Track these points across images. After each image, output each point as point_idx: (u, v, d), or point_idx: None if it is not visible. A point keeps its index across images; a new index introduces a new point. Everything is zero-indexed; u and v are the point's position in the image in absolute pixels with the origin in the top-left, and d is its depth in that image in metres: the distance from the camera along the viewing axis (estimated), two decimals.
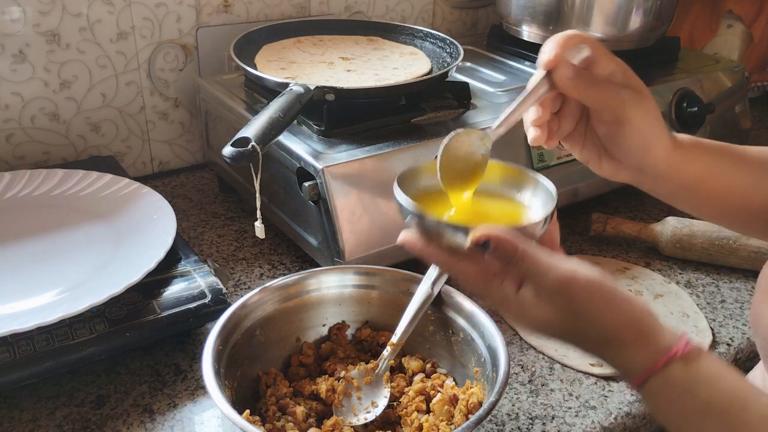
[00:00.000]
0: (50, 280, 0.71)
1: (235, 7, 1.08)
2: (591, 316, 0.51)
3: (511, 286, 0.52)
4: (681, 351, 0.49)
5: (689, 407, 0.49)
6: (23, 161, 0.99)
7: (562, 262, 0.51)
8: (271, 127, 0.71)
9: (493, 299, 0.54)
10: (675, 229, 0.92)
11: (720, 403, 0.48)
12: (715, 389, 0.49)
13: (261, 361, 0.66)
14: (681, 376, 0.49)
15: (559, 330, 0.52)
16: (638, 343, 0.50)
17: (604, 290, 0.51)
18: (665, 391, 0.49)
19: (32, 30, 0.93)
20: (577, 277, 0.50)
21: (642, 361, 0.49)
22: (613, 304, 0.51)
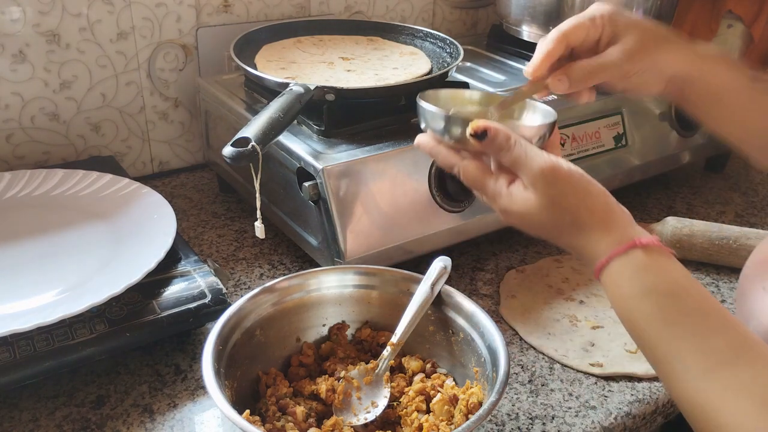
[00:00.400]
0: (50, 280, 0.71)
1: (235, 7, 1.08)
2: (567, 203, 0.56)
3: (504, 181, 0.59)
4: (643, 243, 0.53)
5: (635, 289, 0.52)
6: (23, 161, 0.99)
7: (549, 154, 0.57)
8: (271, 127, 0.71)
9: (487, 194, 0.60)
10: (675, 229, 0.92)
11: (662, 289, 0.52)
12: (661, 277, 0.52)
13: (261, 361, 0.66)
14: (635, 262, 0.53)
15: (538, 219, 0.57)
16: (605, 231, 0.55)
17: (583, 182, 0.56)
18: (619, 274, 0.53)
19: (32, 30, 0.93)
20: (559, 166, 0.56)
21: (606, 246, 0.54)
22: (589, 195, 0.56)
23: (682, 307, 0.51)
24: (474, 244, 0.94)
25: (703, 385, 0.48)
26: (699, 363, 0.49)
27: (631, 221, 0.56)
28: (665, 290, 0.52)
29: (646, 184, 1.10)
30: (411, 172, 0.80)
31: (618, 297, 0.54)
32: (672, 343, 0.50)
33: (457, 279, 0.87)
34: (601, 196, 0.56)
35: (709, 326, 0.50)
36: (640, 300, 0.52)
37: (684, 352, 0.49)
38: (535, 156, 0.56)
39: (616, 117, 0.99)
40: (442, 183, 0.81)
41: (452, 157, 0.62)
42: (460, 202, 0.83)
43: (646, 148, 1.02)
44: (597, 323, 0.79)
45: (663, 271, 0.53)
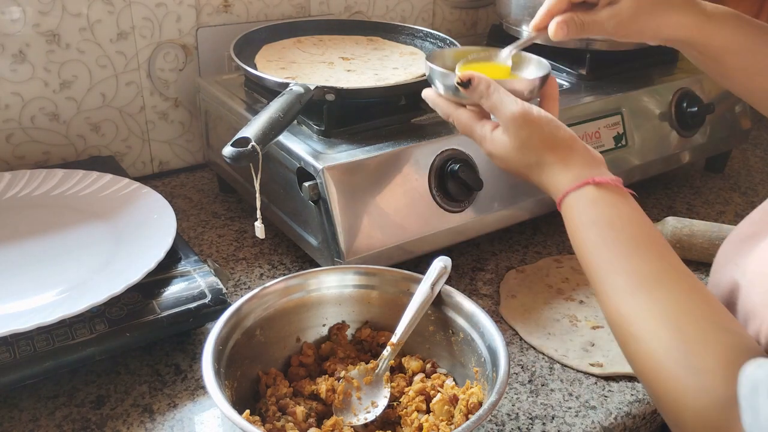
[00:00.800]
0: (50, 280, 0.71)
1: (235, 7, 1.08)
2: (534, 144, 0.63)
3: (489, 127, 0.66)
4: (597, 181, 0.59)
5: (584, 219, 0.59)
6: (23, 161, 0.99)
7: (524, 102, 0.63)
8: (271, 127, 0.71)
9: (476, 137, 0.68)
10: (675, 229, 0.92)
11: (605, 220, 0.58)
12: (607, 210, 0.58)
13: (261, 361, 0.66)
14: (588, 197, 0.59)
15: (511, 160, 0.64)
16: (566, 168, 0.61)
17: (550, 125, 0.63)
18: (573, 207, 0.60)
19: (32, 30, 0.93)
20: (529, 111, 0.63)
21: (566, 182, 0.61)
22: (554, 137, 0.63)
23: (619, 235, 0.57)
24: (474, 244, 0.94)
25: (627, 302, 0.53)
26: (626, 283, 0.54)
27: (594, 163, 0.61)
28: (608, 221, 0.58)
29: (646, 184, 1.10)
30: (411, 172, 0.80)
31: (571, 227, 0.60)
32: (606, 265, 0.56)
33: (457, 279, 0.87)
34: (567, 139, 0.63)
35: (640, 253, 0.55)
36: (587, 229, 0.58)
37: (614, 273, 0.55)
38: (509, 102, 0.63)
39: (616, 117, 0.99)
40: (442, 183, 0.81)
41: (449, 108, 0.70)
42: (460, 202, 0.83)
43: (646, 148, 1.02)
44: (597, 323, 0.79)
45: (610, 205, 0.58)
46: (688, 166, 1.18)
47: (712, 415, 0.46)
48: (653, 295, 0.53)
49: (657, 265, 0.55)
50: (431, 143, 0.82)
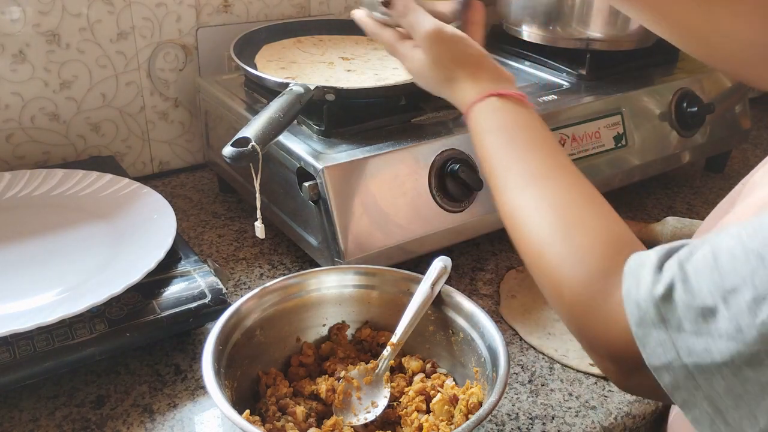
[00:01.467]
0: (50, 280, 0.71)
1: (235, 7, 1.08)
2: (445, 61, 0.67)
3: (409, 45, 0.70)
4: (500, 93, 0.63)
5: (485, 126, 0.63)
6: (23, 161, 0.99)
7: (438, 21, 0.68)
8: (271, 127, 0.71)
9: (399, 56, 0.72)
10: (675, 229, 0.92)
11: (502, 126, 0.62)
12: (505, 117, 0.63)
13: (261, 361, 0.66)
14: (490, 107, 0.63)
15: (427, 75, 0.69)
16: (473, 82, 0.66)
17: (461, 43, 0.68)
18: (478, 116, 0.64)
19: (32, 30, 0.93)
20: (442, 29, 0.67)
21: (472, 94, 0.65)
22: (464, 54, 0.67)
23: (514, 138, 0.61)
24: (474, 244, 0.94)
25: (518, 195, 0.57)
26: (518, 180, 0.58)
27: (501, 79, 0.66)
28: (505, 126, 0.62)
29: (646, 184, 1.10)
30: (411, 172, 0.80)
31: (474, 136, 0.64)
32: (502, 165, 0.60)
33: (457, 279, 0.87)
34: (476, 56, 0.68)
35: (533, 153, 0.59)
36: (486, 134, 0.62)
37: (508, 171, 0.59)
38: (425, 21, 0.68)
39: (616, 117, 0.99)
40: (442, 183, 0.81)
41: (376, 27, 0.74)
42: (460, 202, 0.83)
43: (646, 148, 1.02)
44: None
45: (509, 113, 0.63)
46: (688, 166, 1.18)
47: (588, 284, 0.48)
48: (542, 188, 0.56)
49: (548, 162, 0.58)
50: (431, 143, 0.82)
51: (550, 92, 0.98)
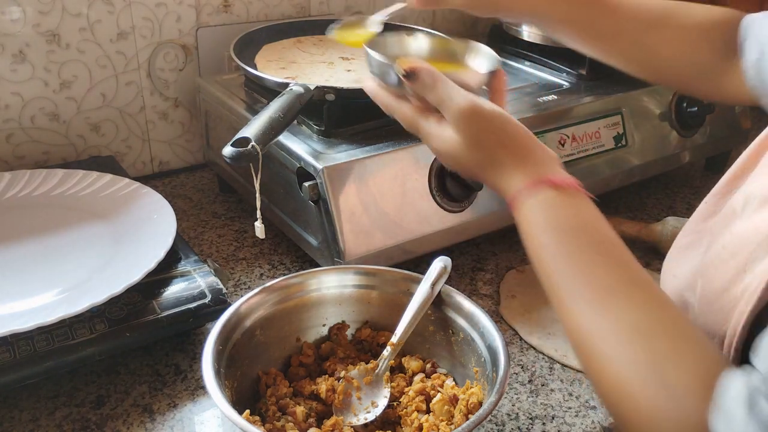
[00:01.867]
0: (50, 280, 0.71)
1: (235, 7, 1.08)
2: (486, 142, 0.59)
3: (435, 121, 0.62)
4: (552, 181, 0.56)
5: (539, 223, 0.55)
6: (23, 161, 0.99)
7: (471, 95, 0.60)
8: (271, 127, 0.71)
9: (422, 134, 0.63)
10: (675, 229, 0.92)
11: (562, 225, 0.54)
12: (564, 213, 0.55)
13: (261, 361, 0.66)
14: (542, 198, 0.55)
15: (462, 158, 0.60)
16: (519, 167, 0.57)
17: (502, 121, 0.59)
18: (527, 208, 0.56)
19: (32, 30, 0.93)
20: (479, 106, 0.59)
21: (518, 182, 0.57)
22: (506, 133, 0.59)
23: (577, 242, 0.53)
24: (474, 244, 0.94)
25: (588, 316, 0.50)
26: (586, 295, 0.50)
27: (549, 162, 0.58)
28: (565, 226, 0.54)
29: (646, 184, 1.10)
30: (411, 172, 0.80)
31: (525, 230, 0.56)
32: (564, 275, 0.52)
33: (457, 279, 0.87)
34: (520, 136, 0.59)
35: (601, 262, 0.52)
36: (542, 234, 0.54)
37: (573, 284, 0.51)
38: (457, 96, 0.59)
39: (616, 117, 0.99)
40: (442, 183, 0.81)
41: (392, 102, 0.66)
42: (460, 202, 0.83)
43: (646, 148, 1.02)
44: None
45: (567, 208, 0.55)
46: (688, 166, 1.18)
47: (686, 425, 0.43)
48: (616, 307, 0.49)
49: (619, 274, 0.51)
50: None
51: (550, 92, 0.98)
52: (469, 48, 0.72)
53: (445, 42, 0.74)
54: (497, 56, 0.70)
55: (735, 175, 0.62)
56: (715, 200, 0.63)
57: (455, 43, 0.73)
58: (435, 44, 0.73)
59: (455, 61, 0.73)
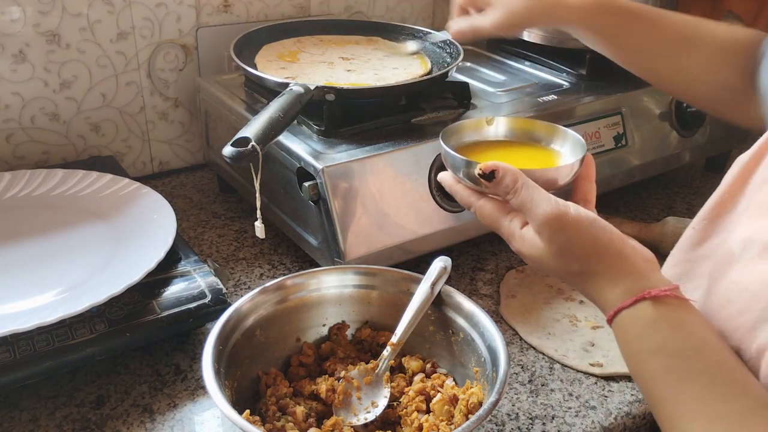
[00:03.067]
0: (50, 280, 0.71)
1: (235, 7, 1.08)
2: (575, 252, 0.54)
3: (518, 223, 0.58)
4: (653, 295, 0.51)
5: (642, 345, 0.51)
6: (23, 161, 0.99)
7: (557, 200, 0.55)
8: (271, 127, 0.71)
9: (503, 234, 0.60)
10: (675, 229, 0.92)
11: (669, 348, 0.49)
12: (670, 334, 0.50)
13: (261, 361, 0.66)
14: (644, 316, 0.51)
15: (548, 265, 0.56)
16: (615, 280, 0.53)
17: (592, 229, 0.54)
18: (629, 326, 0.51)
19: (32, 30, 0.93)
20: (565, 214, 0.54)
21: (615, 297, 0.52)
22: (597, 242, 0.54)
23: (690, 368, 0.48)
24: (474, 244, 0.94)
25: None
26: (703, 429, 0.46)
27: (646, 268, 0.53)
28: (674, 349, 0.49)
29: (646, 184, 1.10)
30: (411, 172, 0.80)
31: (626, 350, 0.52)
32: (678, 405, 0.48)
33: (457, 279, 0.87)
34: (613, 243, 0.54)
35: (718, 389, 0.47)
36: (647, 357, 0.50)
37: (689, 416, 0.47)
38: (541, 202, 0.55)
39: (616, 117, 0.99)
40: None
41: (470, 197, 0.62)
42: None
43: (646, 148, 1.02)
44: (597, 323, 0.79)
45: (673, 326, 0.50)
46: (688, 166, 1.18)
47: None
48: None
49: (741, 403, 0.46)
50: (431, 143, 0.82)
51: (550, 92, 0.98)
52: (554, 131, 0.68)
53: (527, 123, 0.70)
54: (583, 141, 0.65)
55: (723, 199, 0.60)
56: (703, 225, 0.61)
57: (538, 125, 0.69)
58: (516, 126, 0.70)
59: (538, 144, 0.69)
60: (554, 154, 0.68)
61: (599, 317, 0.80)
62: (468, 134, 0.69)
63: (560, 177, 0.61)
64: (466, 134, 0.69)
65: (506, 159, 0.60)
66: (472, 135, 0.69)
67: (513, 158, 0.66)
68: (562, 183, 0.61)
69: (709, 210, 0.61)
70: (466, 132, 0.69)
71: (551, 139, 0.69)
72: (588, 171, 0.63)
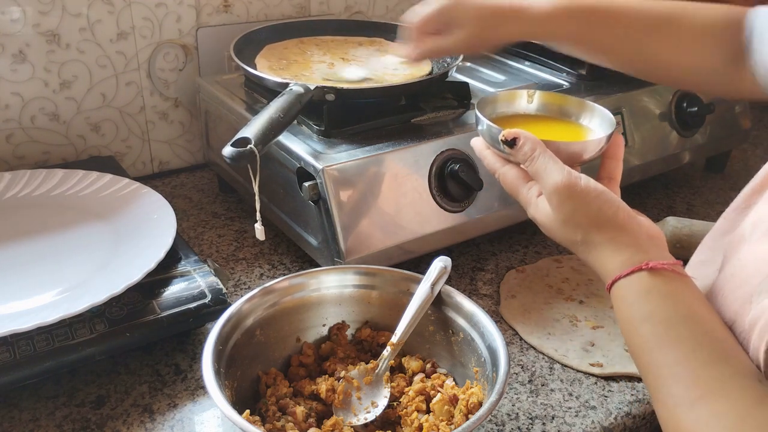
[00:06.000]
0: (50, 280, 0.71)
1: (235, 7, 1.08)
2: (579, 221, 0.57)
3: (536, 191, 0.60)
4: (653, 266, 0.53)
5: (636, 312, 0.53)
6: (23, 161, 0.99)
7: (571, 171, 0.57)
8: (271, 127, 0.71)
9: (521, 200, 0.62)
10: (675, 229, 0.92)
11: (660, 315, 0.52)
12: (662, 303, 0.52)
13: (261, 361, 0.66)
14: (639, 285, 0.53)
15: (555, 232, 0.59)
16: (615, 251, 0.55)
17: (598, 200, 0.56)
18: (625, 295, 0.54)
19: (32, 30, 0.93)
20: (574, 184, 0.56)
21: (614, 267, 0.55)
22: (601, 214, 0.56)
23: (677, 334, 0.51)
24: (474, 244, 0.94)
25: (686, 415, 0.48)
26: (684, 392, 0.49)
27: (648, 243, 0.55)
28: (662, 317, 0.52)
29: (646, 184, 1.10)
30: (411, 172, 0.80)
31: (621, 317, 0.55)
32: (662, 369, 0.50)
33: (457, 279, 0.87)
34: (617, 216, 0.56)
35: (702, 355, 0.49)
36: (639, 324, 0.53)
37: (671, 379, 0.50)
38: (554, 171, 0.57)
39: (616, 117, 0.98)
40: (442, 183, 0.81)
41: (496, 163, 0.64)
42: (460, 202, 0.83)
43: (646, 148, 1.02)
44: (597, 323, 0.79)
45: (666, 296, 0.52)
46: (688, 166, 1.18)
47: None
48: (715, 407, 0.47)
49: (720, 370, 0.48)
50: (431, 143, 0.82)
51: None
52: (585, 107, 0.70)
53: (560, 99, 0.71)
54: (613, 118, 0.66)
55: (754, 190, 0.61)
56: (734, 216, 0.62)
57: (571, 101, 0.71)
58: (549, 101, 0.71)
59: (568, 120, 0.71)
60: (584, 130, 0.69)
61: (599, 317, 0.80)
62: (502, 105, 0.72)
63: (585, 151, 0.62)
64: (500, 105, 0.71)
65: (535, 131, 0.61)
66: (508, 107, 0.72)
67: (542, 131, 0.67)
68: (587, 157, 0.63)
69: (741, 200, 0.62)
70: (500, 103, 0.71)
71: (582, 114, 0.70)
72: (616, 150, 0.64)
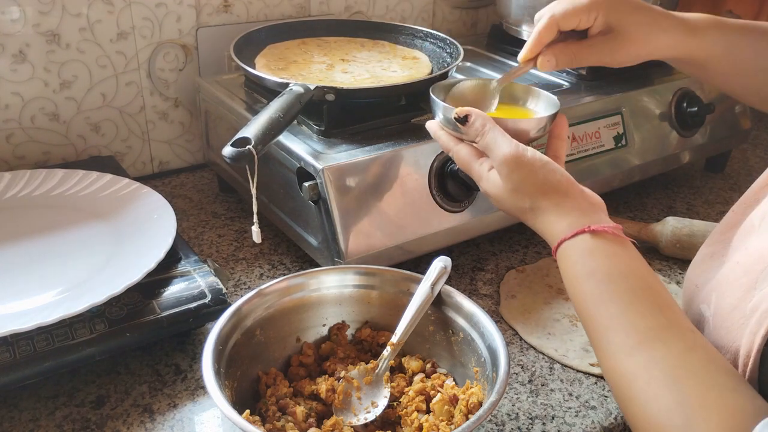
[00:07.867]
0: (50, 280, 0.71)
1: (235, 7, 1.08)
2: (526, 189, 0.61)
3: (487, 166, 0.65)
4: (592, 229, 0.57)
5: (579, 271, 0.57)
6: (23, 161, 0.99)
7: (518, 144, 0.62)
8: (270, 127, 0.71)
9: (474, 175, 0.66)
10: (675, 229, 0.92)
11: (601, 272, 0.55)
12: (603, 261, 0.56)
13: (261, 361, 0.66)
14: (582, 246, 0.57)
15: (505, 202, 0.63)
16: (560, 216, 0.59)
17: (544, 170, 0.61)
18: (569, 255, 0.58)
19: (32, 30, 0.93)
20: (521, 154, 0.61)
21: (560, 230, 0.59)
22: (547, 182, 0.60)
23: (616, 288, 0.54)
24: (474, 244, 0.94)
25: (625, 361, 0.51)
26: (623, 341, 0.52)
27: (590, 209, 0.60)
28: (604, 273, 0.55)
29: (646, 184, 1.10)
30: (411, 172, 0.80)
31: (566, 277, 0.58)
32: (603, 320, 0.54)
33: (457, 279, 0.87)
34: (562, 184, 0.61)
35: (639, 308, 0.53)
36: (582, 281, 0.56)
37: (611, 330, 0.53)
38: (503, 144, 0.62)
39: (616, 117, 0.99)
40: (442, 183, 0.81)
41: (450, 142, 0.69)
42: (460, 202, 0.83)
43: (646, 148, 1.02)
44: None
45: (607, 255, 0.56)
46: (688, 166, 1.18)
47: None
48: (652, 353, 0.50)
49: (656, 320, 0.52)
50: (431, 143, 0.82)
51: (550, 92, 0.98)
52: (531, 93, 0.76)
53: (509, 85, 0.75)
54: (558, 102, 0.72)
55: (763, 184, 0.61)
56: (742, 209, 0.63)
57: (518, 87, 0.76)
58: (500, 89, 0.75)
59: (516, 104, 0.76)
60: (531, 113, 0.75)
61: None
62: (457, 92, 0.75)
63: (531, 129, 0.67)
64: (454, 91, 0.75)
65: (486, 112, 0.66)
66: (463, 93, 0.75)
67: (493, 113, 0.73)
68: (533, 135, 0.68)
69: (750, 195, 0.63)
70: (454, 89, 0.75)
71: (529, 99, 0.76)
72: (560, 130, 0.69)
